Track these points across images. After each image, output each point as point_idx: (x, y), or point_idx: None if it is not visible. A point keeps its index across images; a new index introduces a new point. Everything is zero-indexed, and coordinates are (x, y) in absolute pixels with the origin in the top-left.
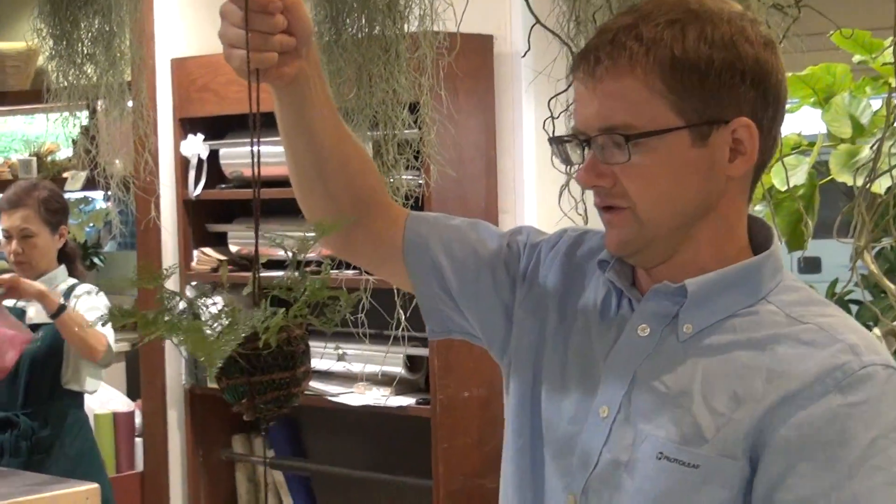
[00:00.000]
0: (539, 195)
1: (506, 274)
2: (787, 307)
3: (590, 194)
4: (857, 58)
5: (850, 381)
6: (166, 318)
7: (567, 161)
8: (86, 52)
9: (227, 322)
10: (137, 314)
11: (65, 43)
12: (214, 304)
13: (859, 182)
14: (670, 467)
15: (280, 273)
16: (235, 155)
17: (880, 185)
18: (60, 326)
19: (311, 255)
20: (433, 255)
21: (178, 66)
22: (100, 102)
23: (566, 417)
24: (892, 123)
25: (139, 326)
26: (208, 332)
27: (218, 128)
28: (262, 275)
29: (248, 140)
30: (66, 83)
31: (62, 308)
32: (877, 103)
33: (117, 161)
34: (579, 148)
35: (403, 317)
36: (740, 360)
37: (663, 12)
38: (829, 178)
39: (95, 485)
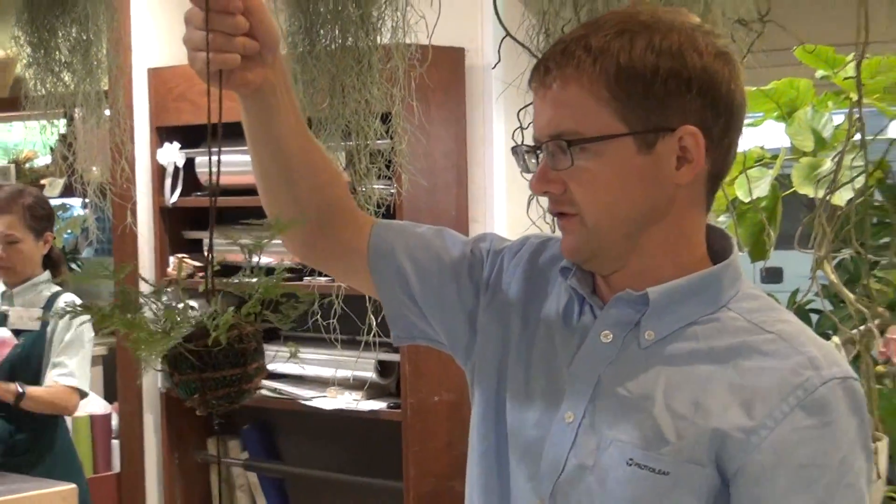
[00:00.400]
0: (508, 205)
1: (469, 281)
2: (748, 314)
3: None
4: (819, 73)
5: (813, 398)
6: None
7: (526, 170)
8: (63, 60)
9: (171, 320)
10: (94, 308)
11: (42, 51)
12: (171, 303)
13: (821, 194)
14: (641, 474)
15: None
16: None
17: (841, 197)
18: (28, 406)
19: (279, 262)
20: (398, 262)
21: (155, 75)
22: (77, 110)
23: (531, 423)
24: (853, 137)
25: (96, 321)
26: (153, 328)
27: (194, 136)
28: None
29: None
30: (43, 91)
31: (21, 396)
32: (839, 118)
33: (94, 168)
34: (534, 156)
35: (374, 323)
36: (703, 368)
37: (614, 24)
38: (792, 190)
39: (73, 485)
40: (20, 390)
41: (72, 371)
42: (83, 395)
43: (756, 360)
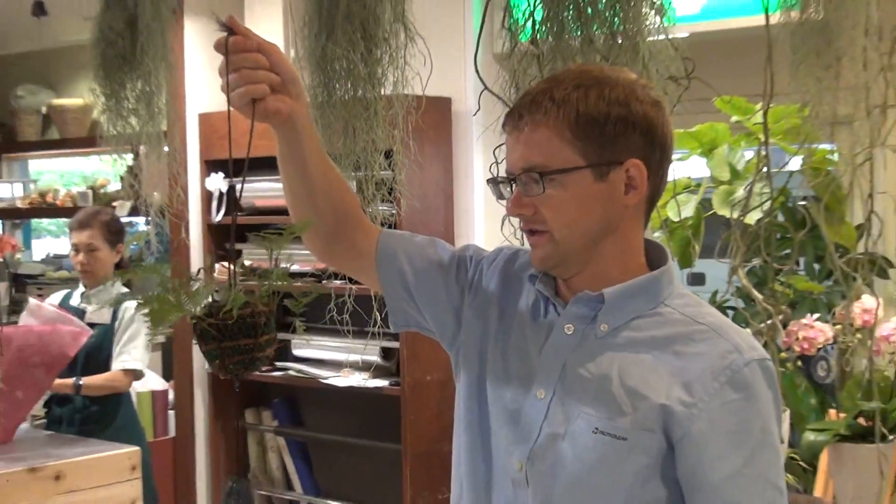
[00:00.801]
0: (486, 223)
1: (456, 282)
2: (682, 308)
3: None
4: (734, 118)
5: (738, 376)
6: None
7: (501, 196)
8: (130, 107)
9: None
10: (144, 297)
11: (114, 100)
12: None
13: (735, 215)
14: (604, 439)
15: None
16: (249, 189)
17: (751, 218)
18: (87, 392)
19: (307, 268)
20: (399, 265)
21: (204, 119)
22: (142, 147)
23: (509, 398)
24: (761, 170)
25: (140, 305)
26: (173, 300)
27: (236, 168)
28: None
29: (259, 178)
30: (114, 132)
31: (78, 387)
32: (749, 154)
33: (155, 193)
34: (508, 186)
35: (379, 318)
36: (648, 353)
37: (571, 79)
38: (712, 211)
39: (137, 448)
40: (78, 382)
41: (131, 357)
42: (138, 375)
43: (690, 346)
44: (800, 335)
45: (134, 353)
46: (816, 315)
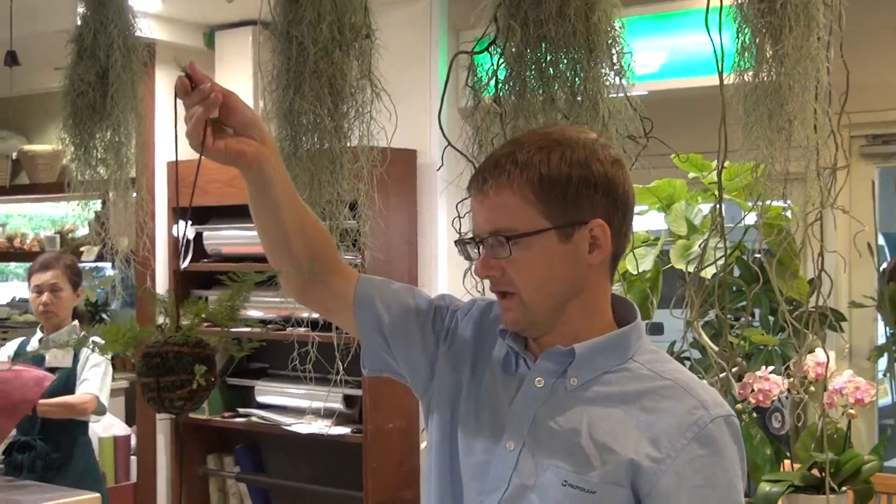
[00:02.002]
0: (449, 273)
1: (432, 331)
2: (649, 364)
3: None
4: (691, 175)
5: (704, 433)
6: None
7: (468, 257)
8: (99, 156)
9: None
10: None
11: (83, 149)
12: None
13: (691, 269)
14: (574, 493)
15: (247, 329)
16: (215, 237)
17: (708, 272)
18: (43, 414)
19: (271, 315)
20: (377, 311)
21: (172, 167)
22: (110, 194)
23: (479, 449)
24: (716, 226)
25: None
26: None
27: (203, 216)
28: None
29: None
30: (83, 179)
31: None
32: (706, 209)
33: (123, 239)
34: (475, 247)
35: (341, 366)
36: (616, 407)
37: (533, 141)
38: (670, 265)
39: (97, 494)
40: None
41: (92, 385)
42: (100, 409)
43: (658, 402)
44: (755, 387)
45: (94, 379)
46: (771, 368)
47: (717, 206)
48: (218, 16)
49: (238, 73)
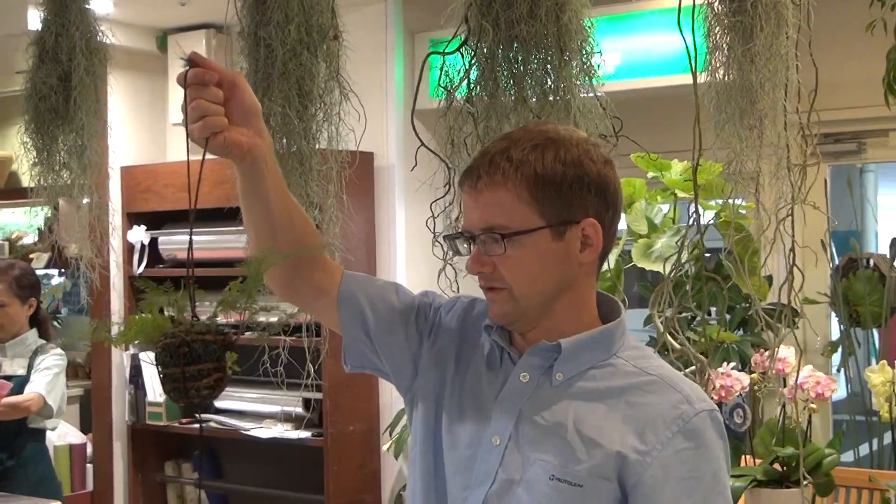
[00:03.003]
0: (408, 278)
1: (415, 328)
2: (633, 360)
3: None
4: (650, 174)
5: (689, 426)
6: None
7: (457, 253)
8: (62, 161)
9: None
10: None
11: (45, 153)
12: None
13: (658, 267)
14: (560, 486)
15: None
16: (171, 241)
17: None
18: None
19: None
20: (360, 308)
21: (127, 172)
22: (61, 200)
23: (464, 444)
24: (691, 224)
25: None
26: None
27: (158, 220)
28: None
29: (181, 230)
30: (45, 184)
31: None
32: (665, 208)
33: (73, 245)
34: (467, 243)
35: (312, 369)
36: (602, 402)
37: (528, 139)
38: (632, 263)
39: (56, 502)
40: None
41: (38, 385)
42: (49, 409)
43: (642, 396)
44: (717, 383)
45: (41, 381)
46: (732, 364)
47: (695, 203)
48: (171, 19)
49: None
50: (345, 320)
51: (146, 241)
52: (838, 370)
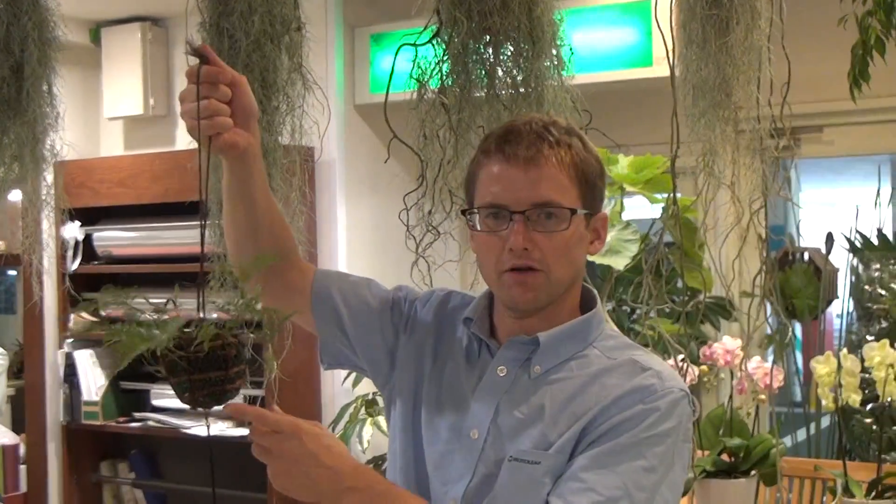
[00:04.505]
0: (350, 271)
1: (390, 323)
2: (607, 351)
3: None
4: None
5: (654, 398)
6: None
7: (478, 229)
8: (13, 153)
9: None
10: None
11: None
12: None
13: (606, 261)
14: (517, 466)
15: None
16: (105, 238)
17: (618, 263)
18: None
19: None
20: (335, 305)
21: (60, 166)
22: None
23: (443, 439)
24: (675, 216)
25: (107, 337)
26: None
27: (92, 216)
28: None
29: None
30: None
31: None
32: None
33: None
34: (499, 219)
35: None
36: (578, 391)
37: (559, 127)
38: None
39: None
40: None
41: None
42: None
43: (614, 377)
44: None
45: None
46: (681, 356)
47: (672, 194)
48: (105, 12)
49: (126, 70)
50: (319, 318)
51: (80, 238)
52: (773, 362)
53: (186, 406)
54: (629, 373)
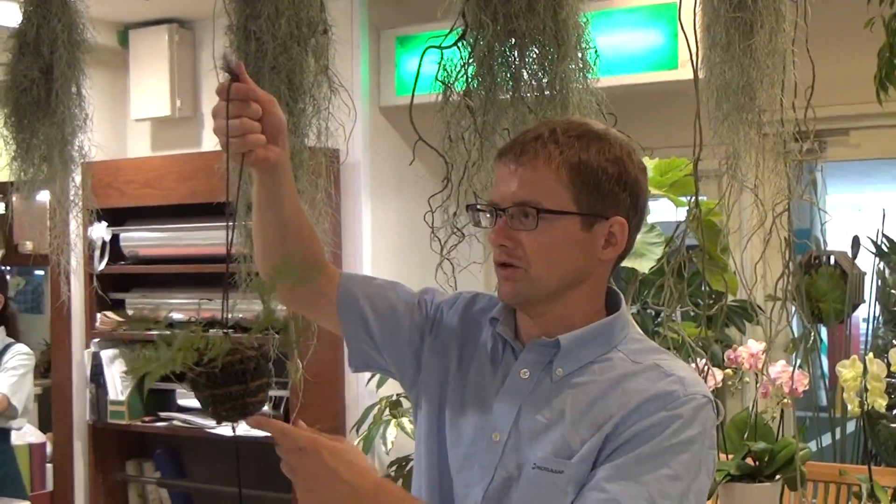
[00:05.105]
0: (374, 273)
1: (416, 325)
2: (632, 354)
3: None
4: None
5: (676, 404)
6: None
7: (477, 224)
8: (42, 154)
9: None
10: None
11: (25, 147)
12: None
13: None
14: (540, 474)
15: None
16: (132, 238)
17: (643, 266)
18: None
19: (192, 317)
20: (361, 308)
21: (88, 168)
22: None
23: (466, 441)
24: (695, 217)
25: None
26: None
27: (119, 217)
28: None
29: (143, 227)
30: (25, 179)
31: None
32: None
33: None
34: (492, 216)
35: (301, 365)
36: (600, 396)
37: (574, 128)
38: None
39: (27, 502)
40: None
41: (2, 385)
42: (13, 410)
43: (637, 382)
44: None
45: (6, 381)
46: (703, 360)
47: (695, 197)
48: (132, 14)
49: (153, 72)
50: (345, 321)
51: (107, 238)
52: (799, 367)
53: (213, 418)
54: (652, 378)
